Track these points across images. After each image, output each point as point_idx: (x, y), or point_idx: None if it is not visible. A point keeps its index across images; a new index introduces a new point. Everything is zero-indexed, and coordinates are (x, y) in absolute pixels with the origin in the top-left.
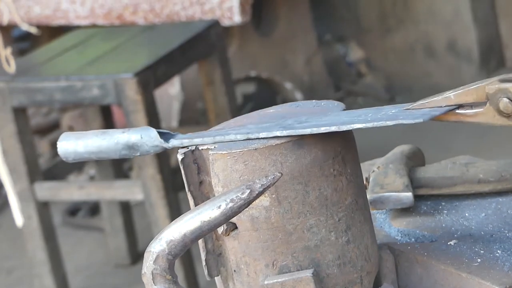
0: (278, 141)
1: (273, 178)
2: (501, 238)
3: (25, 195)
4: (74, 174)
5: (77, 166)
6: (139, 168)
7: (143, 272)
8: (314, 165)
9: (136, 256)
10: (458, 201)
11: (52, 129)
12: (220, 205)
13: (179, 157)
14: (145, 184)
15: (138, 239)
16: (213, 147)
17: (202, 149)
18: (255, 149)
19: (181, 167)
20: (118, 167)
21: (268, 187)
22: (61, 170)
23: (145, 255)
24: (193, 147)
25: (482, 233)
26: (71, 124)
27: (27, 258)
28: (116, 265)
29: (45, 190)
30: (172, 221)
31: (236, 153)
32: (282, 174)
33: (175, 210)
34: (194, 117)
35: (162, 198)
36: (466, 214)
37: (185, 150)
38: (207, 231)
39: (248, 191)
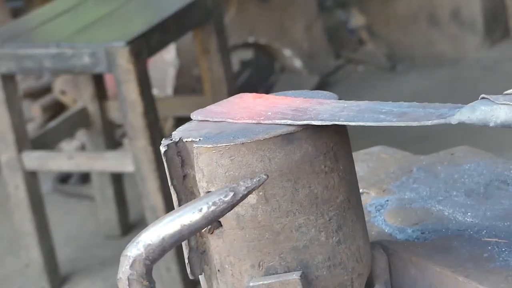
0: (266, 136)
1: (259, 180)
2: (504, 240)
3: (13, 165)
4: (65, 141)
5: (68, 133)
6: (130, 139)
7: (118, 277)
8: (304, 161)
9: (127, 228)
10: (457, 196)
11: (44, 93)
12: (201, 208)
13: (162, 149)
14: (136, 156)
15: (130, 210)
16: (197, 139)
17: (186, 141)
18: (242, 143)
19: (164, 160)
20: (110, 135)
21: (253, 189)
22: (51, 137)
23: (121, 259)
24: (177, 139)
25: (483, 232)
26: (64, 89)
27: (14, 228)
28: (106, 236)
29: (34, 159)
30: (163, 194)
31: (221, 147)
32: (268, 176)
33: (167, 184)
34: (190, 84)
35: (154, 171)
36: (463, 210)
37: (168, 141)
38: (187, 235)
39: (231, 194)
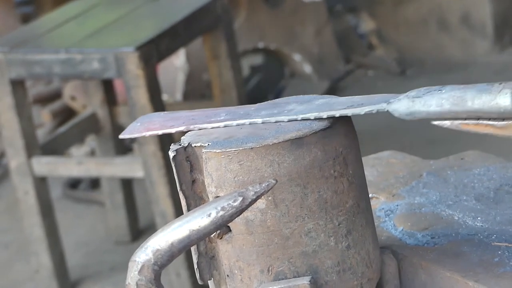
0: (275, 140)
1: (267, 185)
2: None
3: (23, 170)
4: (75, 146)
5: (78, 139)
6: (140, 144)
7: (127, 282)
8: (314, 166)
9: (137, 233)
10: (467, 201)
11: (53, 98)
12: (210, 213)
13: (171, 154)
14: (146, 161)
15: (139, 216)
16: (206, 144)
17: (195, 146)
18: (251, 148)
19: (173, 165)
20: (120, 140)
21: (262, 194)
22: (61, 143)
23: (130, 264)
24: (186, 144)
25: (493, 237)
26: (73, 94)
27: (24, 234)
28: (116, 242)
29: (43, 165)
30: (173, 200)
31: (230, 152)
32: (276, 181)
33: (176, 189)
34: (199, 89)
35: (163, 176)
36: (473, 214)
37: (177, 146)
38: (196, 241)
39: (240, 198)
